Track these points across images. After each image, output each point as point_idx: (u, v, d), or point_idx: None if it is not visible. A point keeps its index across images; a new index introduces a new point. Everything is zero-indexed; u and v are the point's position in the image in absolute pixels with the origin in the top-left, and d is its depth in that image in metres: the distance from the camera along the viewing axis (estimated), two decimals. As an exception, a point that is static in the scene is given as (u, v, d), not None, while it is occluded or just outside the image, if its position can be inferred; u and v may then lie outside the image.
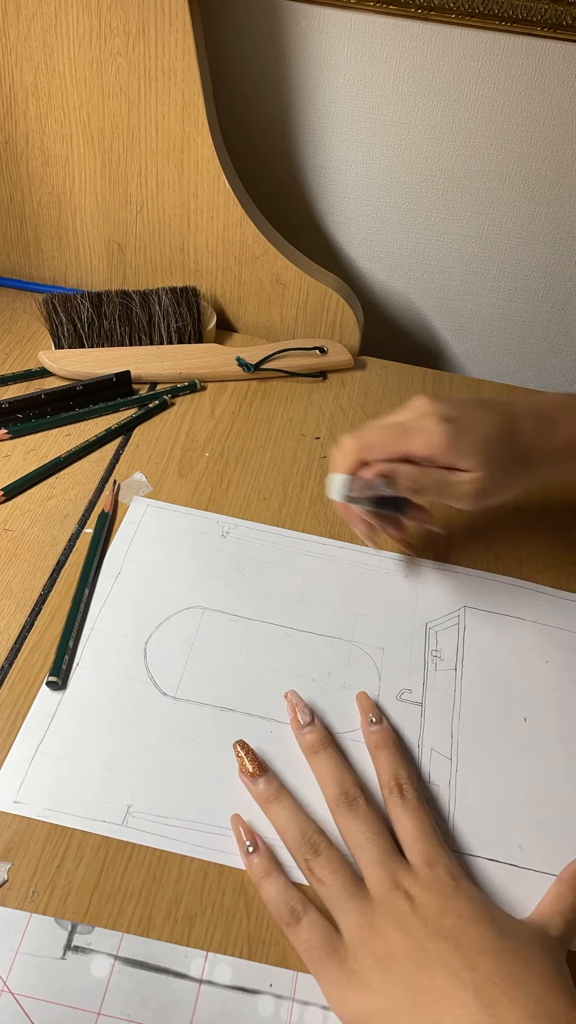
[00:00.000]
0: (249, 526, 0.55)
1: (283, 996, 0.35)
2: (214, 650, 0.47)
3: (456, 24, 0.61)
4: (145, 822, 0.40)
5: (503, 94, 0.64)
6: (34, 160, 0.66)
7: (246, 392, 0.66)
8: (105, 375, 0.63)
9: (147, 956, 0.35)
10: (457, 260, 0.75)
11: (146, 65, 0.59)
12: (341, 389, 0.68)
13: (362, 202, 0.72)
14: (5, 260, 0.73)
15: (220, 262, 0.69)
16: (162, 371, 0.65)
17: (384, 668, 0.48)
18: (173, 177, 0.65)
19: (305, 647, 0.48)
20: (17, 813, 0.39)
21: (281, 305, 0.71)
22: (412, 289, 0.78)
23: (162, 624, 0.48)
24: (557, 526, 0.58)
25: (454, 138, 0.67)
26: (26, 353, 0.67)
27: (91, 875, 0.38)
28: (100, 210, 0.68)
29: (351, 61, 0.64)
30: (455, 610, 0.51)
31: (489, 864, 0.40)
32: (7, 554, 0.51)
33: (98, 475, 0.57)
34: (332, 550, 0.54)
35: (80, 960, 0.35)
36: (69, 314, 0.65)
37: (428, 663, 0.48)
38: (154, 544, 0.53)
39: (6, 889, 0.37)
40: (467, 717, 0.46)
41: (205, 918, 0.37)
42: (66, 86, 0.61)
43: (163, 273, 0.71)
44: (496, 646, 0.49)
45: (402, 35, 0.62)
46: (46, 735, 0.42)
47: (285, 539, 0.54)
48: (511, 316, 0.78)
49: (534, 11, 0.58)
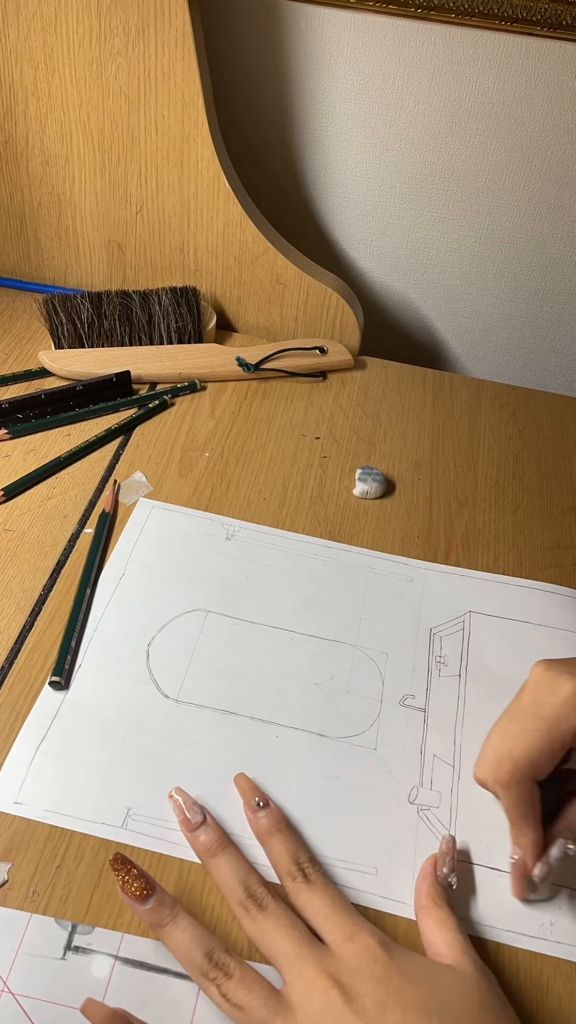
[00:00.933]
0: (254, 529, 0.55)
1: (283, 996, 0.35)
2: (217, 653, 0.47)
3: (456, 24, 0.61)
4: (145, 825, 0.40)
5: (503, 94, 0.64)
6: (34, 160, 0.66)
7: (246, 392, 0.66)
8: (105, 375, 0.63)
9: (147, 956, 0.35)
10: (457, 260, 0.75)
11: (146, 65, 0.59)
12: (341, 389, 0.68)
13: (362, 202, 0.72)
14: (5, 260, 0.73)
15: (220, 262, 0.69)
16: (162, 371, 0.65)
17: (387, 673, 0.47)
18: (173, 177, 0.65)
19: (308, 651, 0.48)
20: (17, 814, 0.39)
21: (281, 305, 0.71)
22: (412, 289, 0.78)
23: (165, 626, 0.48)
24: (557, 527, 0.58)
25: (454, 138, 0.67)
26: (26, 353, 0.67)
27: (91, 875, 0.38)
28: (100, 210, 0.68)
29: (351, 61, 0.64)
30: (460, 615, 0.51)
31: (491, 872, 0.40)
32: (7, 554, 0.51)
33: (98, 475, 0.57)
34: (337, 553, 0.54)
35: (80, 960, 0.35)
36: (69, 314, 0.65)
37: (432, 668, 0.48)
38: (159, 546, 0.53)
39: (6, 889, 0.37)
40: (471, 724, 0.45)
41: (205, 918, 0.37)
42: (66, 86, 0.61)
43: (163, 273, 0.71)
44: (501, 652, 0.49)
45: (402, 35, 0.62)
46: (47, 736, 0.42)
47: (290, 542, 0.54)
48: (511, 316, 0.78)
49: (534, 11, 0.58)
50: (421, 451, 0.63)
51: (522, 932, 0.38)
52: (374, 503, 0.58)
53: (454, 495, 0.59)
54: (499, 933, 0.38)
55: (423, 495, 0.59)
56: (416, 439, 0.64)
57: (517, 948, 0.37)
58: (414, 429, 0.65)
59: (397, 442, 0.63)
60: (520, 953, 0.37)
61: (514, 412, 0.68)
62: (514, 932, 0.38)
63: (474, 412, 0.67)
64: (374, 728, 0.44)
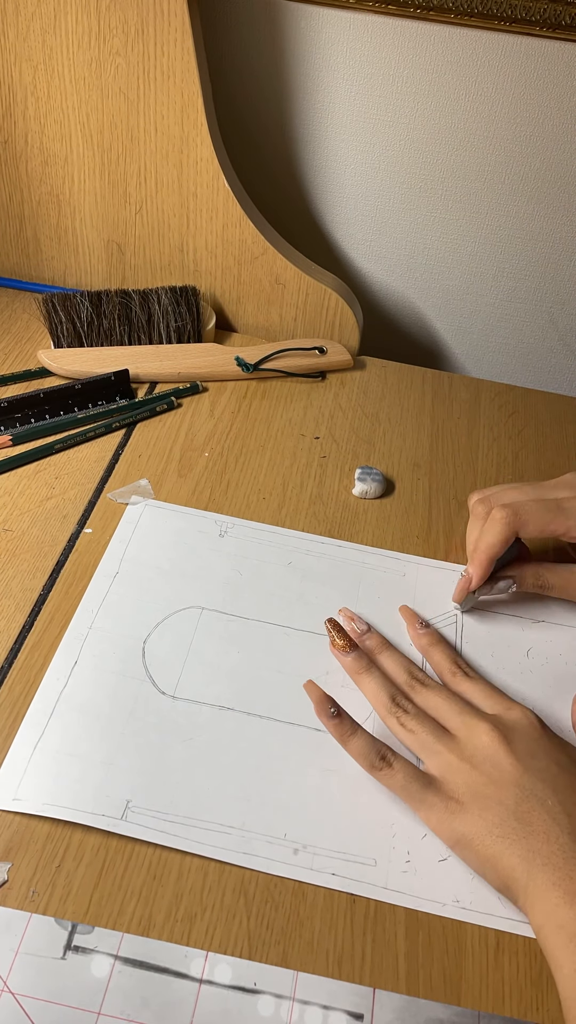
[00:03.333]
0: (247, 525, 0.55)
1: (283, 996, 0.35)
2: (212, 649, 0.47)
3: (456, 24, 0.61)
4: (144, 817, 0.40)
5: (503, 94, 0.64)
6: (33, 160, 0.66)
7: (245, 392, 0.66)
8: (103, 374, 0.63)
9: (147, 956, 0.35)
10: (457, 260, 0.75)
11: (145, 65, 0.59)
12: (340, 389, 0.68)
13: (362, 202, 0.72)
14: (4, 260, 0.73)
15: (219, 262, 0.69)
16: (161, 371, 0.65)
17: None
18: (172, 177, 0.65)
19: (303, 646, 0.48)
20: (16, 810, 0.39)
21: (280, 305, 0.71)
22: (412, 289, 0.78)
23: (160, 624, 0.48)
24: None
25: (454, 138, 0.67)
26: (25, 353, 0.67)
27: (91, 875, 0.38)
28: (99, 210, 0.68)
29: (351, 61, 0.64)
30: (453, 610, 0.51)
31: None
32: (7, 554, 0.51)
33: (97, 475, 0.57)
34: (330, 549, 0.54)
35: (80, 960, 0.35)
36: (68, 313, 0.65)
37: (426, 662, 0.48)
38: (152, 543, 0.53)
39: (6, 889, 0.37)
40: None
41: (205, 918, 0.37)
42: (65, 86, 0.61)
43: (162, 273, 0.71)
44: (494, 646, 0.49)
45: (402, 35, 0.62)
46: (45, 733, 0.42)
47: (283, 538, 0.54)
48: (511, 316, 0.78)
49: (533, 11, 0.58)
50: (420, 451, 0.63)
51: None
52: (373, 503, 0.58)
53: (453, 495, 0.59)
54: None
55: (422, 495, 0.59)
56: (415, 439, 0.64)
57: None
58: (413, 429, 0.65)
59: (396, 442, 0.63)
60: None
61: (513, 412, 0.68)
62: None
63: (473, 412, 0.67)
64: (370, 722, 0.45)
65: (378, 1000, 0.35)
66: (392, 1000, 0.35)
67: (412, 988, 0.36)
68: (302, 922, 0.37)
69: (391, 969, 0.36)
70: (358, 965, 0.36)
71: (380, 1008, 0.35)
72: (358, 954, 0.37)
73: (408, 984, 0.36)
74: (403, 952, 0.37)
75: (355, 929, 0.37)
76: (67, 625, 0.48)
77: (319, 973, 0.36)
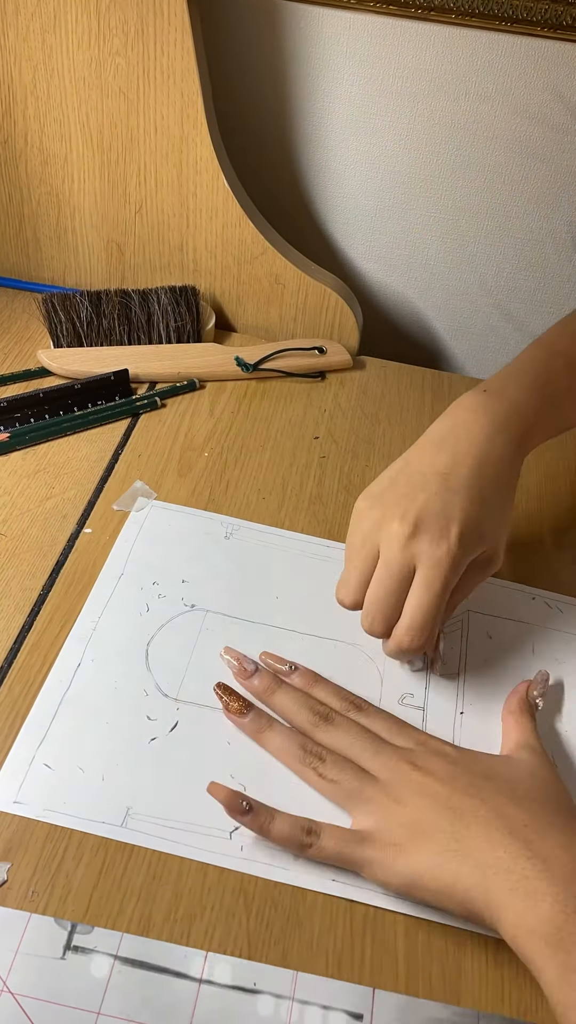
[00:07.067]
0: (253, 528, 0.55)
1: (283, 996, 0.35)
2: (216, 652, 0.47)
3: (456, 24, 0.61)
4: (144, 824, 0.39)
5: (503, 94, 0.64)
6: (33, 160, 0.66)
7: (245, 392, 0.66)
8: (103, 373, 0.63)
9: (147, 956, 0.35)
10: (457, 260, 0.75)
11: (145, 65, 0.59)
12: (340, 389, 0.68)
13: (361, 202, 0.72)
14: (4, 260, 0.73)
15: (219, 262, 0.69)
16: (161, 370, 0.65)
17: (386, 672, 0.48)
18: (172, 177, 0.65)
19: (307, 650, 0.48)
20: (17, 813, 0.39)
21: (280, 305, 0.71)
22: (411, 289, 0.78)
23: (164, 626, 0.48)
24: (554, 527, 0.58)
25: (454, 138, 0.67)
26: (25, 353, 0.67)
27: (91, 875, 0.38)
28: (99, 210, 0.68)
29: (351, 61, 0.64)
30: (459, 615, 0.51)
31: None
32: (6, 554, 0.51)
33: (97, 475, 0.57)
34: (336, 552, 0.54)
35: (80, 960, 0.35)
36: (68, 313, 0.65)
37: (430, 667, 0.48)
38: (158, 545, 0.53)
39: (6, 889, 0.37)
40: (469, 722, 0.46)
41: (205, 918, 0.37)
42: (65, 86, 0.61)
43: (162, 273, 0.71)
44: (499, 650, 0.49)
45: (402, 35, 0.62)
46: (47, 735, 0.42)
47: (289, 541, 0.54)
48: (510, 316, 0.78)
49: (534, 11, 0.58)
50: (420, 451, 0.63)
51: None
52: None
53: (453, 495, 0.59)
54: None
55: (422, 495, 0.59)
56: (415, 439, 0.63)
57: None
58: (413, 429, 0.65)
59: (396, 442, 0.63)
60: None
61: (513, 412, 0.68)
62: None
63: (473, 412, 0.67)
64: None
65: (378, 1000, 0.35)
66: (392, 1000, 0.35)
67: (412, 988, 0.36)
68: (301, 922, 0.37)
69: (391, 969, 0.36)
70: (358, 965, 0.36)
71: (380, 1008, 0.35)
72: (358, 954, 0.37)
73: (408, 984, 0.36)
74: (403, 952, 0.37)
75: (355, 929, 0.37)
76: (67, 625, 0.48)
77: (319, 973, 0.36)
